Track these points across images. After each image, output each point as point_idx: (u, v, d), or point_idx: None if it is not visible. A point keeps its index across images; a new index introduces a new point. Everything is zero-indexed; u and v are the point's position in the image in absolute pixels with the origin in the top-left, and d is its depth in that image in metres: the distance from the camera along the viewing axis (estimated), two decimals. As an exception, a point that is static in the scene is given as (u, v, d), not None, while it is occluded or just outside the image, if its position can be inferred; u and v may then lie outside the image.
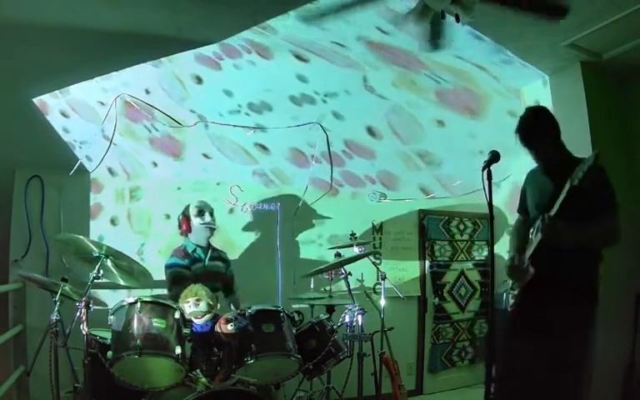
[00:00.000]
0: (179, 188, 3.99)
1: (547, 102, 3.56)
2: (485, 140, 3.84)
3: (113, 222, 3.82)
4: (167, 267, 3.22)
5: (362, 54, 3.40)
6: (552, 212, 2.19)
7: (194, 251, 3.28)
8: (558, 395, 2.28)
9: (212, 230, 3.33)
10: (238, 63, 3.47)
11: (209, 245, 3.37)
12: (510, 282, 2.55)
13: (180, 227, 3.34)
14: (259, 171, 4.22)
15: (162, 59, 3.31)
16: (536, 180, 2.56)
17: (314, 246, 4.32)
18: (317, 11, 2.80)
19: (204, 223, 3.28)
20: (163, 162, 3.93)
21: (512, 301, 2.51)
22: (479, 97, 3.86)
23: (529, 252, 2.37)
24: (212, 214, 3.34)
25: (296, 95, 3.77)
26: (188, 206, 3.35)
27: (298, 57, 3.47)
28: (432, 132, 4.18)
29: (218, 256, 3.41)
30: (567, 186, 2.13)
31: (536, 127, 2.41)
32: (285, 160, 4.19)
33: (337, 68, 3.58)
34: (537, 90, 3.66)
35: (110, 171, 3.85)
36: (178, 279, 3.12)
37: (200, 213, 3.29)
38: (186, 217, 3.32)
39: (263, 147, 4.07)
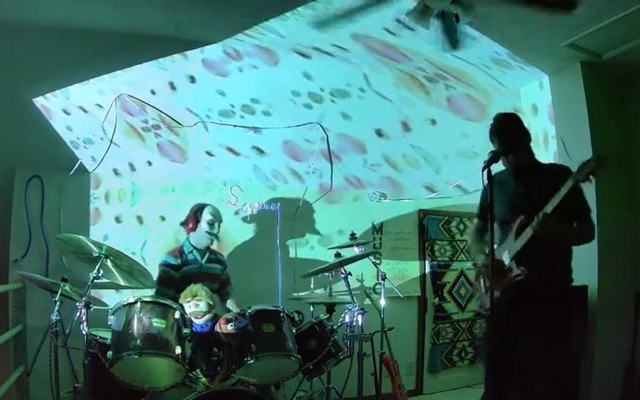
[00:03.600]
0: (174, 189, 3.98)
1: (544, 103, 3.57)
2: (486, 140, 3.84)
3: (117, 220, 3.81)
4: (160, 265, 3.28)
5: (362, 55, 3.40)
6: (549, 210, 2.22)
7: (190, 252, 3.32)
8: (548, 393, 2.29)
9: (212, 240, 3.39)
10: (242, 66, 3.49)
11: (207, 248, 3.41)
12: (483, 283, 2.52)
13: (187, 222, 3.37)
14: (259, 171, 4.21)
15: (169, 63, 3.31)
16: (504, 184, 2.54)
17: (314, 246, 4.31)
18: (328, 15, 2.80)
19: (210, 233, 3.33)
20: (164, 163, 3.93)
21: (488, 303, 2.49)
22: (482, 98, 3.86)
23: (511, 252, 2.35)
24: (220, 225, 3.40)
25: (297, 94, 3.77)
26: (203, 207, 3.37)
27: (301, 55, 3.48)
28: (433, 132, 4.18)
29: (215, 258, 3.45)
30: (570, 184, 2.17)
31: (515, 133, 2.46)
32: (285, 160, 4.19)
33: (338, 68, 3.59)
34: (533, 92, 3.67)
35: (115, 171, 3.85)
36: (165, 279, 3.19)
37: (211, 223, 3.33)
38: (196, 217, 3.35)
39: (263, 148, 4.06)
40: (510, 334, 2.30)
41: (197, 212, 3.36)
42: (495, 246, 2.57)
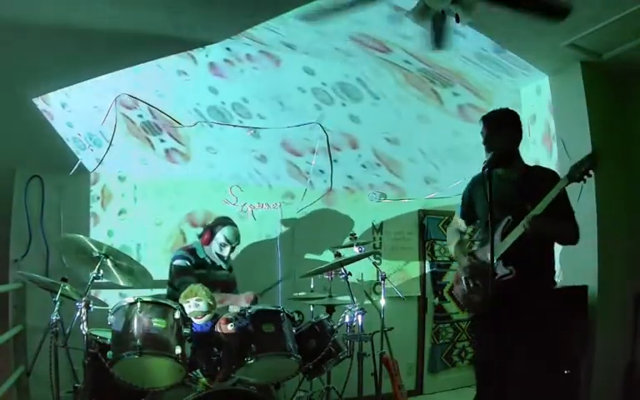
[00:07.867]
0: (174, 190, 3.97)
1: (541, 105, 3.59)
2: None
3: (117, 220, 3.81)
4: (173, 258, 3.26)
5: (362, 56, 3.40)
6: (540, 210, 2.23)
7: (203, 259, 3.31)
8: (539, 390, 2.29)
9: (220, 263, 3.36)
10: (242, 67, 3.49)
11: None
12: (465, 284, 2.52)
13: (202, 234, 3.36)
14: (259, 171, 4.21)
15: (170, 63, 3.31)
16: (493, 184, 2.54)
17: (314, 246, 4.31)
18: (318, 9, 2.78)
19: (219, 255, 3.30)
20: (165, 163, 3.93)
21: (476, 305, 2.50)
22: (483, 99, 3.86)
23: (499, 252, 2.34)
24: (232, 249, 3.35)
25: (298, 94, 3.77)
26: (223, 226, 3.32)
27: (302, 54, 3.47)
28: (433, 132, 4.18)
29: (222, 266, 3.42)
30: (565, 182, 2.19)
31: (509, 128, 2.46)
32: (285, 160, 4.18)
33: (338, 68, 3.58)
34: (531, 95, 3.68)
35: (114, 171, 3.84)
36: (183, 270, 3.17)
37: (223, 245, 3.29)
38: (212, 232, 3.32)
39: (264, 148, 4.06)
40: (501, 335, 2.30)
41: (214, 228, 3.33)
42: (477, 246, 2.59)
